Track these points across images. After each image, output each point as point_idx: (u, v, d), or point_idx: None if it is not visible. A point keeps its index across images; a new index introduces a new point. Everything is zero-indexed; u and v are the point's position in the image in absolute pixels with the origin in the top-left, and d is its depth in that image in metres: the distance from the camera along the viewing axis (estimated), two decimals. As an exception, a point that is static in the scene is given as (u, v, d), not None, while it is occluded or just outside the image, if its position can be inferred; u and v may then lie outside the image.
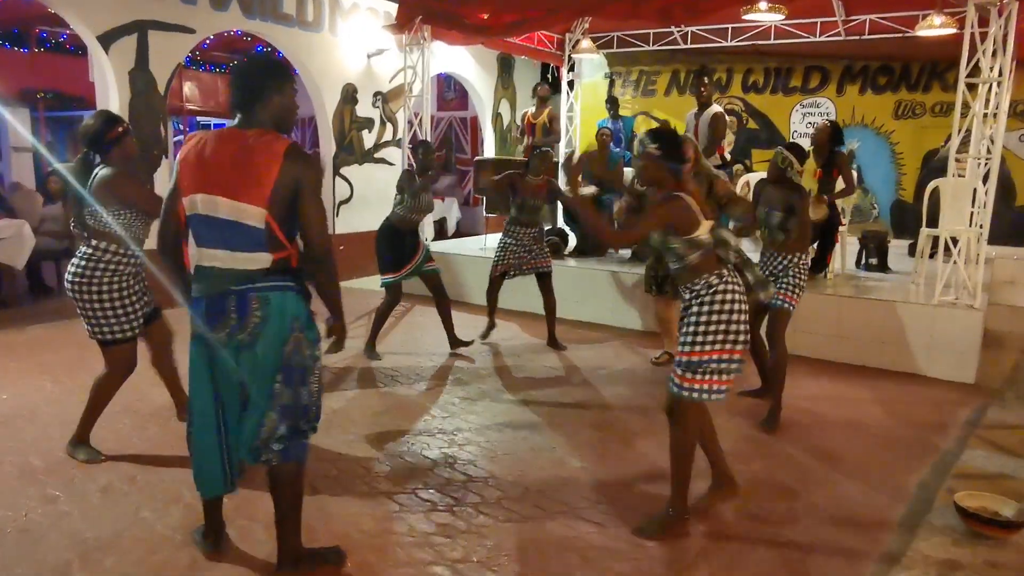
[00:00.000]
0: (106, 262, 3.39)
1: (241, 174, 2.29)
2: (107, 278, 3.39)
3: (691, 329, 2.90)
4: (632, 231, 3.26)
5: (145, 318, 3.58)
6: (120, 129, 3.43)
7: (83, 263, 3.39)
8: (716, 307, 2.86)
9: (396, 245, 5.35)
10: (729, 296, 2.87)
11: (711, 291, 2.87)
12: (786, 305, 4.13)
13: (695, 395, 2.89)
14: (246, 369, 2.42)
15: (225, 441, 2.57)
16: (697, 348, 2.86)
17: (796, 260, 4.13)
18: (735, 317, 2.86)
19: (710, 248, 2.89)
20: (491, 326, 5.88)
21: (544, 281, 5.81)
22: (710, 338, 2.85)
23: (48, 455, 3.59)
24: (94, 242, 3.40)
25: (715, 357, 2.85)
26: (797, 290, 4.14)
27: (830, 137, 5.71)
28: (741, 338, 2.88)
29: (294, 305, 2.42)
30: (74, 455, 3.57)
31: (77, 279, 3.39)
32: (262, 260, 2.34)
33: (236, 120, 2.40)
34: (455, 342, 5.66)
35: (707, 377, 2.86)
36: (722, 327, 2.85)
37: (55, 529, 2.93)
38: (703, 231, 2.87)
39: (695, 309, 2.90)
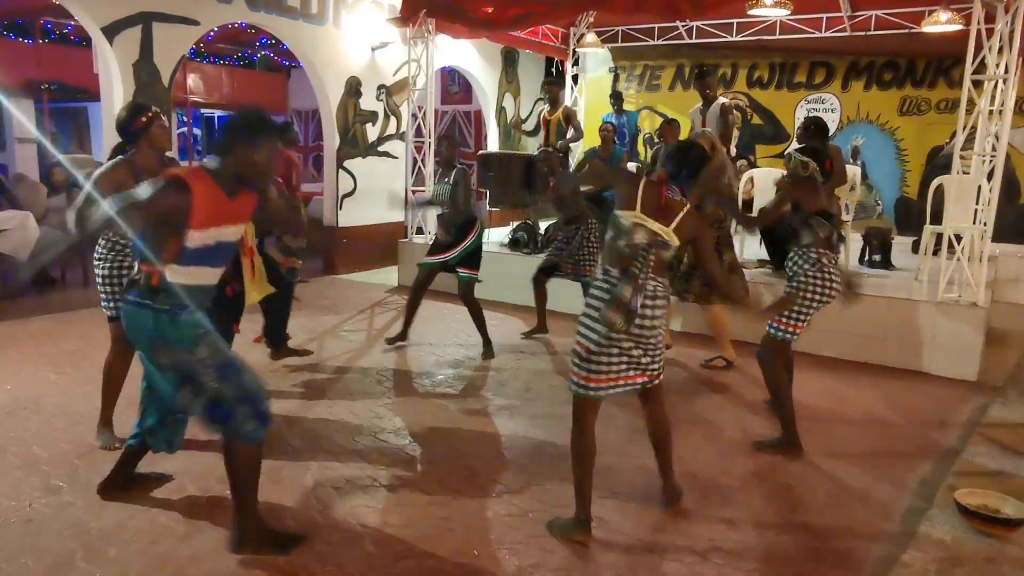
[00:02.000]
0: (108, 243, 3.53)
1: None
2: (109, 257, 3.51)
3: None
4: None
5: None
6: (144, 118, 3.45)
7: (100, 242, 3.55)
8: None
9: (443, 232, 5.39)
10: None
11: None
12: (771, 330, 3.81)
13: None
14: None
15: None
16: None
17: (800, 268, 3.82)
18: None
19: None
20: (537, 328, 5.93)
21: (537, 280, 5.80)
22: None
23: (51, 446, 3.61)
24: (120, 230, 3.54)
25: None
26: (790, 312, 3.74)
27: (811, 134, 5.73)
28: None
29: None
30: (96, 440, 3.64)
31: (95, 258, 3.58)
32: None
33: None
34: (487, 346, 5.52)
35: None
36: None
37: (58, 519, 2.95)
38: (629, 218, 2.82)
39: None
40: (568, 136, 7.90)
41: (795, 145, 6.36)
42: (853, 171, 7.06)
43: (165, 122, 3.59)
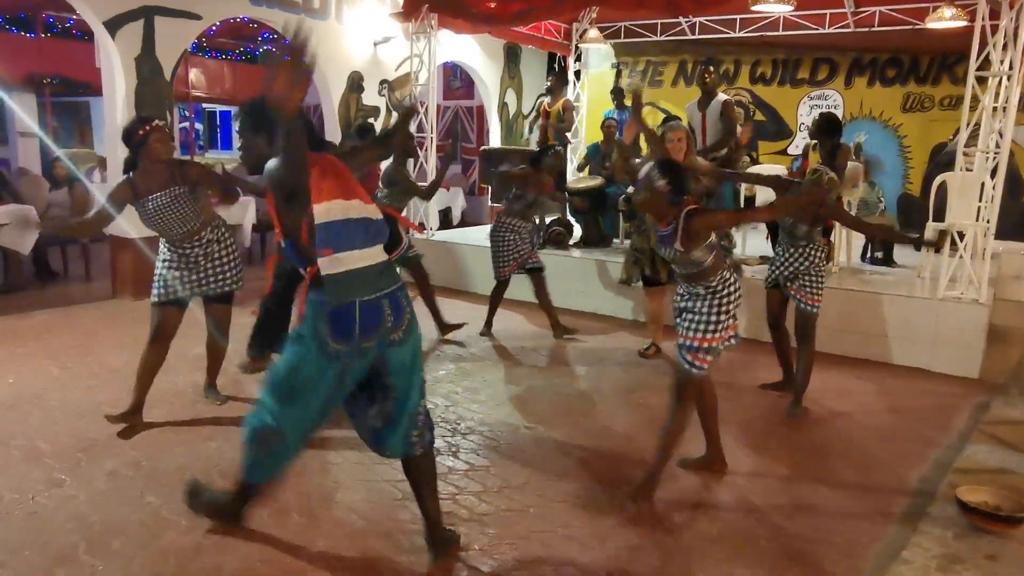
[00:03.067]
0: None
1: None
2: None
3: (705, 318, 3.18)
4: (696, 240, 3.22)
5: (205, 297, 3.87)
6: (142, 131, 3.54)
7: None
8: (729, 299, 3.19)
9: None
10: (736, 287, 3.23)
11: (727, 285, 3.19)
12: (812, 309, 4.25)
13: (702, 372, 3.23)
14: (390, 365, 2.48)
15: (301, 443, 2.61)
16: (709, 335, 3.17)
17: (813, 254, 4.19)
18: (738, 303, 3.24)
19: (716, 245, 3.17)
20: (489, 323, 5.90)
21: (536, 277, 5.78)
22: (722, 324, 3.18)
23: (54, 440, 3.62)
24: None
25: (723, 339, 3.22)
26: (819, 289, 4.24)
27: (823, 130, 5.76)
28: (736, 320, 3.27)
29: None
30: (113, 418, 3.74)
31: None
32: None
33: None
34: (444, 327, 5.67)
35: (709, 356, 3.20)
36: (731, 314, 3.20)
37: (62, 512, 2.96)
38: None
39: (710, 300, 3.18)
40: (562, 124, 8.09)
41: (801, 141, 6.36)
42: (856, 168, 7.05)
43: (167, 133, 3.65)
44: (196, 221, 3.70)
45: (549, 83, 8.54)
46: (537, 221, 5.86)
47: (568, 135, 8.83)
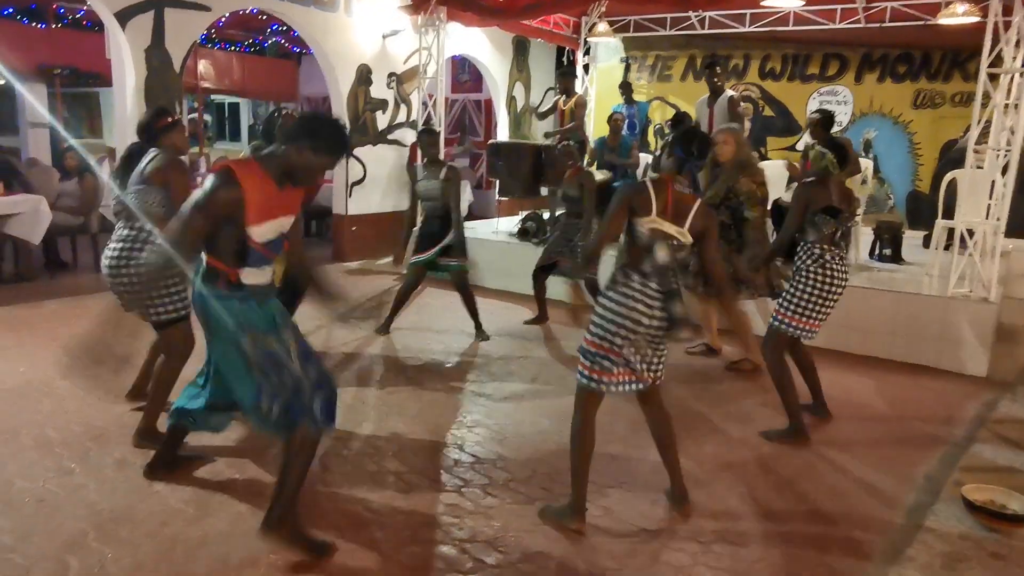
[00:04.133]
0: (144, 243, 3.39)
1: None
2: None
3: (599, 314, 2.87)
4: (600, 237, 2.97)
5: None
6: (167, 120, 3.52)
7: (121, 245, 3.43)
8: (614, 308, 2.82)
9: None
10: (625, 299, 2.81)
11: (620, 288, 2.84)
12: (775, 323, 3.87)
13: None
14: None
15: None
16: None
17: (803, 263, 3.81)
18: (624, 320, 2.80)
19: (645, 242, 2.77)
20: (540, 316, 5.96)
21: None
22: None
23: (64, 428, 3.65)
24: (137, 224, 3.44)
25: None
26: (793, 306, 3.79)
27: (824, 127, 5.76)
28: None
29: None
30: (140, 444, 3.46)
31: (115, 262, 3.42)
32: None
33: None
34: (480, 331, 5.63)
35: None
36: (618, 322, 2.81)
37: (71, 500, 2.99)
38: (646, 224, 2.78)
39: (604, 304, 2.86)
40: (570, 125, 7.97)
41: (806, 139, 6.35)
42: (865, 164, 7.03)
43: (184, 127, 3.66)
44: None
45: (558, 83, 8.45)
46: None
47: (579, 133, 8.69)
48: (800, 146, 9.70)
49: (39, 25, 11.66)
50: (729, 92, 6.72)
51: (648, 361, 2.88)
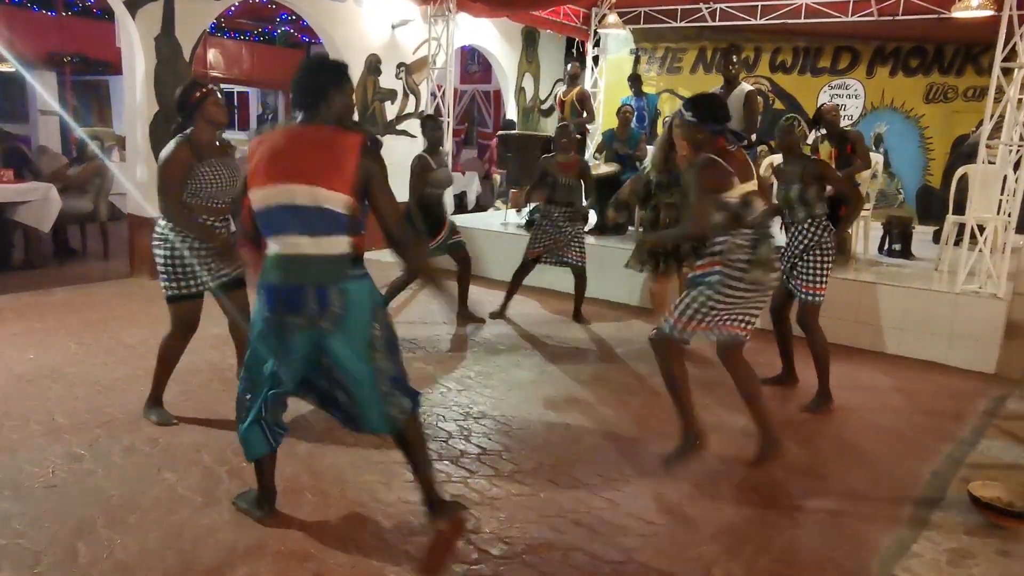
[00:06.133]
0: (166, 225, 3.47)
1: (323, 164, 2.41)
2: (170, 236, 3.46)
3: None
4: (699, 214, 3.19)
5: (223, 285, 3.61)
6: (198, 94, 3.44)
7: (160, 222, 3.50)
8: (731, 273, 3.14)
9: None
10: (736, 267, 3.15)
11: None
12: (809, 297, 4.16)
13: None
14: (332, 353, 2.50)
15: (265, 407, 2.68)
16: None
17: (814, 232, 4.11)
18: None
19: (737, 211, 3.12)
20: (505, 305, 5.92)
21: (577, 273, 5.85)
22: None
23: (73, 415, 3.68)
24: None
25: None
26: (819, 278, 4.13)
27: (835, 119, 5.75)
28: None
29: (372, 292, 2.55)
30: (148, 415, 3.64)
31: (154, 238, 3.53)
32: (342, 244, 2.45)
33: (300, 117, 2.52)
34: (466, 315, 5.68)
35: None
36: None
37: (80, 486, 3.01)
38: (735, 193, 3.11)
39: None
40: (582, 118, 7.87)
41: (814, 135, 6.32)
42: (876, 159, 6.98)
43: (220, 97, 3.56)
44: (231, 196, 3.58)
45: (569, 69, 8.37)
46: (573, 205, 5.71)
47: (589, 127, 8.61)
48: (810, 140, 9.66)
49: (49, 13, 11.69)
50: (747, 86, 6.65)
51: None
